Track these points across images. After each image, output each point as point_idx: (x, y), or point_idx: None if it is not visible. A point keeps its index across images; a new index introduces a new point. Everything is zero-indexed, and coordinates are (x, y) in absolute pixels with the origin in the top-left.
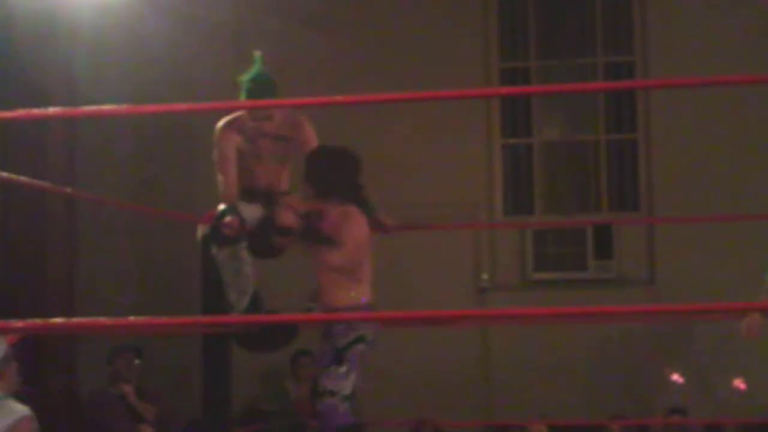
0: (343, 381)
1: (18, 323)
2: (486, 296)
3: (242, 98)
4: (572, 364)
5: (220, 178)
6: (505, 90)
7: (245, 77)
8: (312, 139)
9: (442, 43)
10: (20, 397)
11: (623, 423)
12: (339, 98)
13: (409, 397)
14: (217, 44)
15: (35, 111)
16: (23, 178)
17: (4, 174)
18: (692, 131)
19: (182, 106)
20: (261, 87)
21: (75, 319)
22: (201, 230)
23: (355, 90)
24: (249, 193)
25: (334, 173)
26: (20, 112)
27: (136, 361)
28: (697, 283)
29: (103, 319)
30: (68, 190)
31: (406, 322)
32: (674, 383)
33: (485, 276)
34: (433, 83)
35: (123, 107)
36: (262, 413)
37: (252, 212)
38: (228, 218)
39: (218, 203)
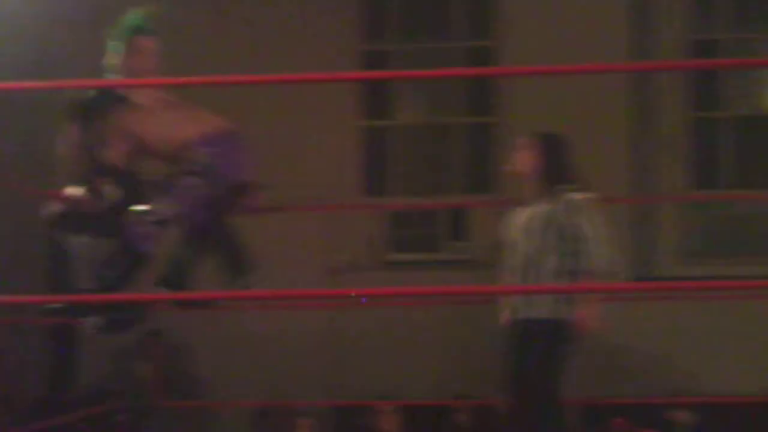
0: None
1: None
2: (342, 277)
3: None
4: (423, 345)
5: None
6: (365, 74)
7: (127, 23)
8: None
9: (305, 24)
10: None
11: (469, 404)
12: (195, 79)
13: (259, 379)
14: (81, 20)
15: None
16: None
17: None
18: (550, 115)
19: (32, 84)
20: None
21: None
22: (50, 208)
23: (221, 70)
24: (106, 171)
25: None
26: None
27: None
28: None
29: None
30: None
31: (258, 301)
32: None
33: (341, 257)
34: (297, 64)
35: None
36: (109, 393)
37: (112, 193)
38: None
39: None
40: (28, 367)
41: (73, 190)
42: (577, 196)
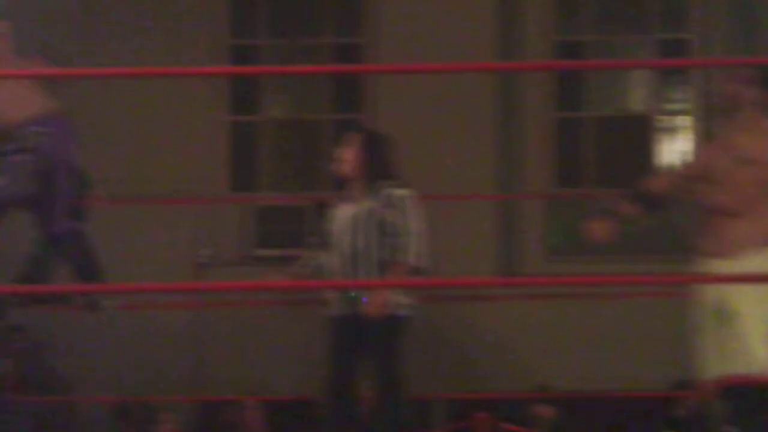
0: None
1: None
2: (207, 272)
3: None
4: (288, 340)
5: None
6: (234, 69)
7: None
8: None
9: (175, 19)
10: None
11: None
12: (55, 71)
13: (119, 376)
14: None
15: None
16: None
17: None
18: (416, 113)
19: None
20: None
21: None
22: None
23: (91, 63)
24: None
25: None
26: None
27: None
28: None
29: None
30: None
31: (124, 293)
32: None
33: (206, 251)
34: (166, 58)
35: None
36: None
37: None
38: None
39: None
40: None
41: None
42: (397, 191)
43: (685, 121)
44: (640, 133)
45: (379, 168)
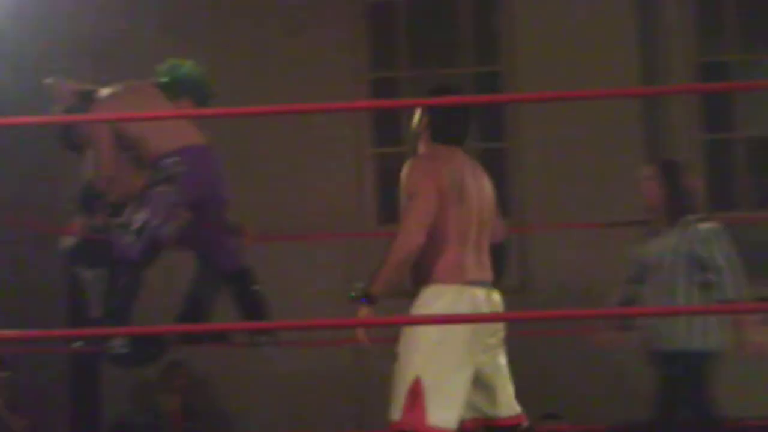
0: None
1: None
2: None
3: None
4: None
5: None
6: (371, 103)
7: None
8: None
9: (311, 52)
10: None
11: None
12: (209, 111)
13: (285, 409)
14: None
15: None
16: None
17: None
18: (560, 140)
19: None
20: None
21: None
22: (65, 242)
23: (231, 98)
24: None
25: None
26: None
27: (2, 374)
28: None
29: None
30: None
31: (286, 330)
32: None
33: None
34: (300, 92)
35: None
36: (133, 427)
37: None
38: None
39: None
40: (53, 402)
41: (84, 222)
42: (705, 225)
43: None
44: None
45: (680, 201)
